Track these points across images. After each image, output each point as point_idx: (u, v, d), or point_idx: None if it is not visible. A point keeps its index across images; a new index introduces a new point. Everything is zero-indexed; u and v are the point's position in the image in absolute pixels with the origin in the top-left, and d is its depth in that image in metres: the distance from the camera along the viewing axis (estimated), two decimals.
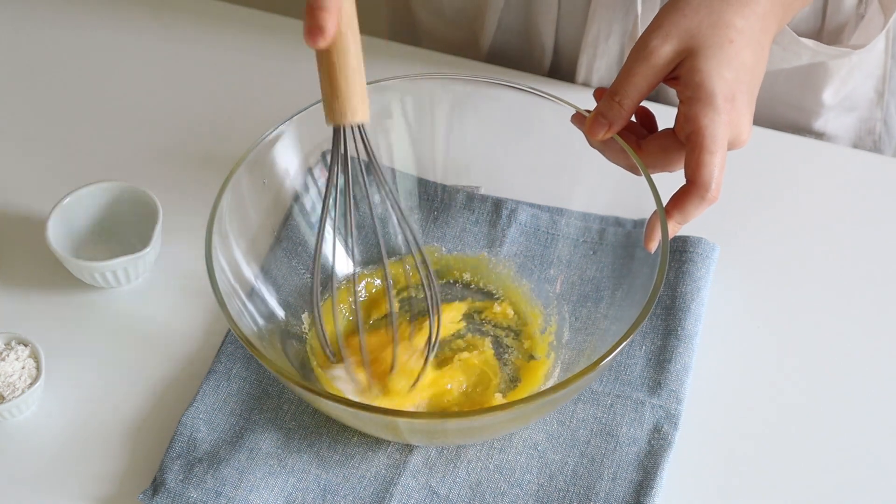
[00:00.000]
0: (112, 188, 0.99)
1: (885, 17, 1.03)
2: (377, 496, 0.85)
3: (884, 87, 1.13)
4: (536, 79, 1.12)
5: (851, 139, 1.15)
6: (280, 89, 1.12)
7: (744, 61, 0.80)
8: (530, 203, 0.99)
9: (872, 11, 1.04)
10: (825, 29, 1.05)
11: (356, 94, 0.79)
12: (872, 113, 1.14)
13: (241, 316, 0.84)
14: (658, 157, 0.83)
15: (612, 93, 0.82)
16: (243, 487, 0.84)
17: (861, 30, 1.04)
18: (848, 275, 0.98)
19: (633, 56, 0.81)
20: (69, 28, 1.19)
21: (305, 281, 0.93)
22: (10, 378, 0.89)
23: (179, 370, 0.93)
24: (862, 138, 1.16)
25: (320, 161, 0.97)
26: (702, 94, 0.78)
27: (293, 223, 0.95)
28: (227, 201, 0.86)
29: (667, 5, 0.82)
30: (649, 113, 0.87)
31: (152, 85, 1.14)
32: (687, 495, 0.86)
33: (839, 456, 0.88)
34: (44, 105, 1.12)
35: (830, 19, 1.05)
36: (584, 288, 0.93)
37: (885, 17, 1.03)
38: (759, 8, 0.81)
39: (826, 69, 1.08)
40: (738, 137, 0.80)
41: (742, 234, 1.00)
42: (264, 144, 0.90)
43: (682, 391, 0.89)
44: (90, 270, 0.94)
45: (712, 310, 0.95)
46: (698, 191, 0.78)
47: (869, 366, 0.93)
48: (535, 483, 0.86)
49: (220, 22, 1.19)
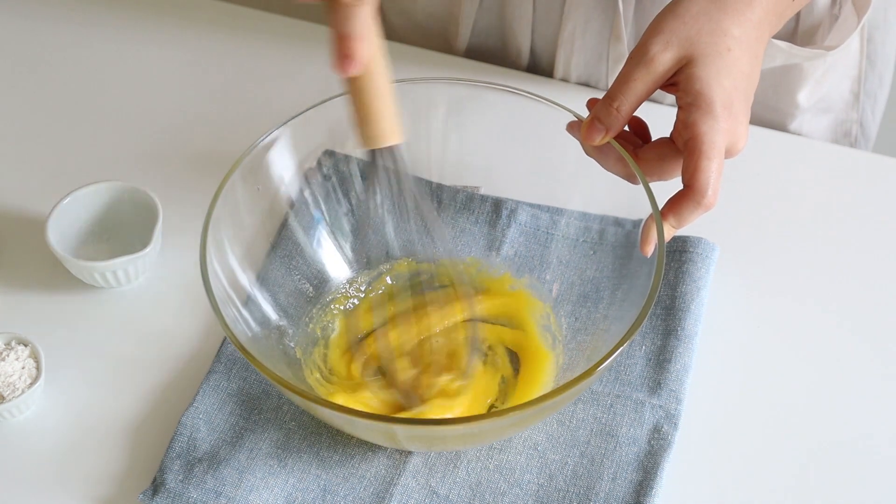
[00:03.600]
0: (112, 188, 0.99)
1: (859, 18, 1.03)
2: (377, 496, 0.85)
3: (859, 87, 1.13)
4: (517, 75, 1.13)
5: (827, 140, 1.15)
6: (280, 89, 1.12)
7: (741, 69, 0.81)
8: (530, 203, 0.99)
9: (846, 12, 1.04)
10: (799, 30, 1.06)
11: (389, 117, 0.79)
12: (848, 114, 1.14)
13: (236, 322, 0.84)
14: (655, 165, 0.83)
15: (609, 98, 0.82)
16: (243, 487, 0.84)
17: (835, 31, 1.05)
18: (848, 275, 0.98)
19: (633, 62, 0.81)
20: (69, 28, 1.19)
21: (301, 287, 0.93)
22: (10, 378, 0.89)
23: (179, 370, 0.93)
24: (838, 140, 1.16)
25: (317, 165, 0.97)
26: (701, 101, 0.79)
27: (289, 228, 0.95)
28: (222, 207, 0.86)
29: (664, 12, 0.82)
30: (642, 122, 0.87)
31: (152, 85, 1.14)
32: (687, 495, 0.86)
33: (839, 456, 0.88)
34: (44, 105, 1.12)
35: (804, 20, 1.05)
36: (584, 288, 0.93)
37: (859, 18, 1.03)
38: (754, 17, 0.82)
39: (801, 70, 1.08)
40: (735, 145, 0.80)
41: (742, 234, 1.00)
42: (259, 149, 0.89)
43: (682, 391, 0.89)
44: (90, 270, 0.94)
45: (712, 310, 0.95)
46: (695, 196, 0.79)
47: (869, 365, 0.93)
48: (534, 483, 0.86)
49: (221, 22, 1.19)
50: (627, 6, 1.05)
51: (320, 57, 1.13)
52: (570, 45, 1.09)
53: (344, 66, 0.75)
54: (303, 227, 0.95)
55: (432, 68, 1.11)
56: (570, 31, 1.08)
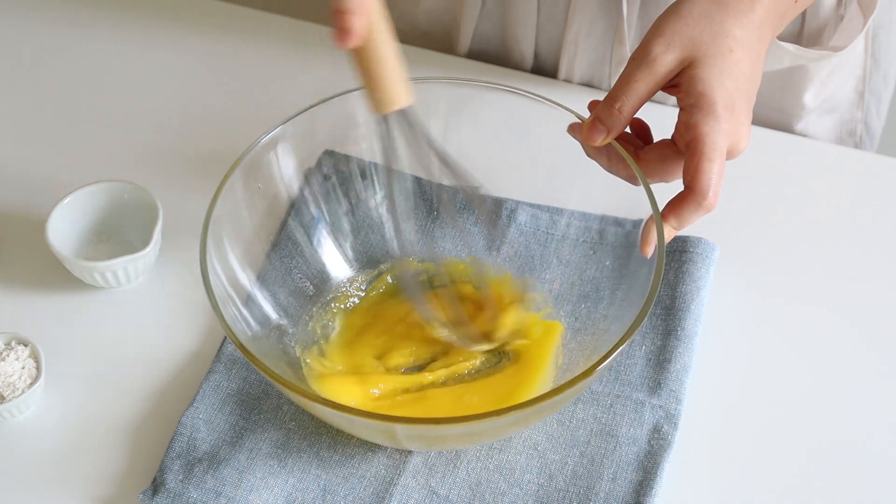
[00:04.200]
0: (112, 188, 0.99)
1: (865, 18, 1.03)
2: (377, 496, 0.85)
3: (864, 87, 1.13)
4: (520, 76, 1.13)
5: (833, 141, 1.15)
6: (280, 89, 1.12)
7: (743, 70, 0.81)
8: (530, 203, 0.99)
9: (852, 12, 1.04)
10: (805, 31, 1.06)
11: (397, 82, 0.80)
12: (853, 114, 1.14)
13: (236, 322, 0.84)
14: (657, 167, 0.83)
15: (611, 99, 0.82)
16: (243, 487, 0.84)
17: (841, 31, 1.05)
18: (849, 275, 0.98)
19: (635, 63, 0.81)
20: (69, 28, 1.19)
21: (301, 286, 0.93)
22: (10, 378, 0.89)
23: (179, 370, 0.93)
24: (843, 140, 1.16)
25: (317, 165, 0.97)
26: (703, 102, 0.79)
27: (289, 228, 0.95)
28: (222, 206, 0.86)
29: (666, 13, 0.82)
30: (644, 124, 0.87)
31: (152, 85, 1.14)
32: (687, 495, 0.86)
33: (839, 456, 0.88)
34: (44, 105, 1.12)
35: (810, 22, 1.05)
36: (584, 288, 0.93)
37: (865, 18, 1.03)
38: (756, 18, 0.82)
39: (806, 71, 1.08)
40: (737, 146, 0.81)
41: (742, 234, 1.00)
42: (259, 149, 0.89)
43: (682, 391, 0.89)
44: (90, 270, 0.94)
45: (712, 310, 0.95)
46: (695, 197, 0.79)
47: (869, 365, 0.93)
48: (534, 483, 0.86)
49: (221, 22, 1.19)
50: (631, 8, 1.05)
51: (320, 57, 1.14)
52: (573, 48, 1.09)
53: (342, 39, 0.77)
54: (303, 227, 0.95)
55: (434, 69, 1.11)
56: (575, 34, 1.08)
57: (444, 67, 1.12)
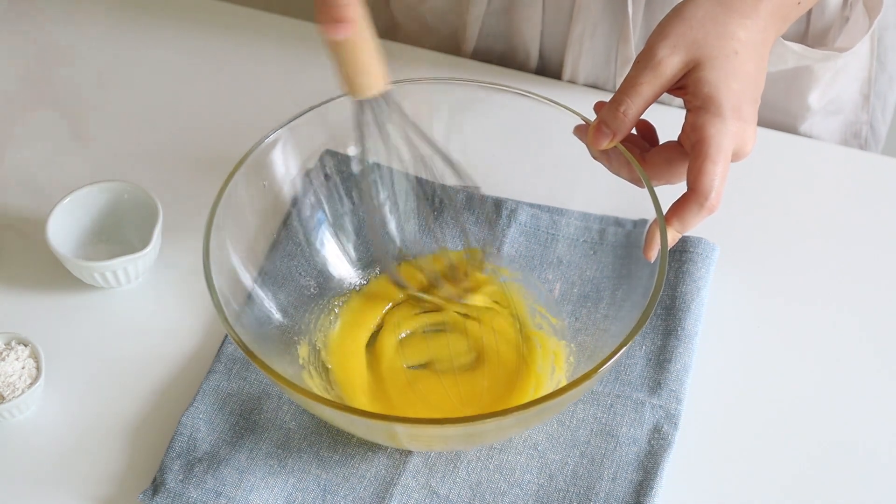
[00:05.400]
0: (112, 188, 0.99)
1: (870, 19, 1.03)
2: (377, 496, 0.85)
3: (869, 89, 1.13)
4: (524, 77, 1.13)
5: (837, 142, 1.15)
6: (281, 89, 1.12)
7: (747, 72, 0.81)
8: (530, 203, 0.99)
9: (857, 14, 1.04)
10: (810, 32, 1.06)
11: (377, 65, 0.83)
12: (858, 116, 1.14)
13: (238, 321, 0.84)
14: (662, 169, 0.83)
15: (616, 102, 0.82)
16: (243, 487, 0.84)
17: (846, 32, 1.05)
18: (849, 275, 0.98)
19: (640, 65, 0.81)
20: (69, 28, 1.19)
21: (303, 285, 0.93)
22: (10, 378, 0.89)
23: (179, 370, 0.93)
24: (848, 141, 1.16)
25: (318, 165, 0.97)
26: (710, 104, 0.79)
27: (290, 228, 0.95)
28: (225, 206, 0.86)
29: (670, 16, 0.82)
30: (650, 126, 0.87)
31: (153, 85, 1.14)
32: (687, 495, 0.86)
33: (839, 456, 0.88)
34: (44, 105, 1.12)
35: (815, 22, 1.05)
36: (584, 288, 0.93)
37: (870, 19, 1.03)
38: (760, 20, 0.82)
39: (811, 72, 1.08)
40: (744, 147, 0.80)
41: (742, 234, 1.00)
42: (261, 149, 0.89)
43: (682, 391, 0.89)
44: (90, 270, 0.94)
45: (712, 310, 0.95)
46: (698, 198, 0.79)
47: (869, 365, 0.93)
48: (535, 483, 0.86)
49: (221, 22, 1.19)
50: (637, 9, 1.05)
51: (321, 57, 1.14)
52: (578, 48, 1.09)
53: (337, 30, 0.78)
54: (304, 227, 0.95)
55: (438, 69, 1.11)
56: (579, 34, 1.08)
57: (448, 68, 1.12)
